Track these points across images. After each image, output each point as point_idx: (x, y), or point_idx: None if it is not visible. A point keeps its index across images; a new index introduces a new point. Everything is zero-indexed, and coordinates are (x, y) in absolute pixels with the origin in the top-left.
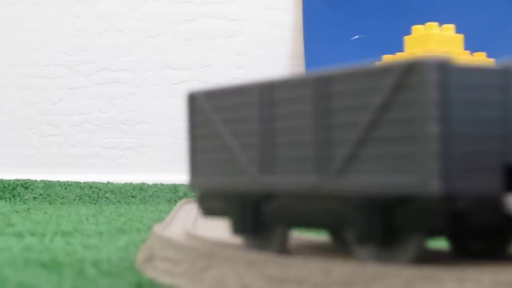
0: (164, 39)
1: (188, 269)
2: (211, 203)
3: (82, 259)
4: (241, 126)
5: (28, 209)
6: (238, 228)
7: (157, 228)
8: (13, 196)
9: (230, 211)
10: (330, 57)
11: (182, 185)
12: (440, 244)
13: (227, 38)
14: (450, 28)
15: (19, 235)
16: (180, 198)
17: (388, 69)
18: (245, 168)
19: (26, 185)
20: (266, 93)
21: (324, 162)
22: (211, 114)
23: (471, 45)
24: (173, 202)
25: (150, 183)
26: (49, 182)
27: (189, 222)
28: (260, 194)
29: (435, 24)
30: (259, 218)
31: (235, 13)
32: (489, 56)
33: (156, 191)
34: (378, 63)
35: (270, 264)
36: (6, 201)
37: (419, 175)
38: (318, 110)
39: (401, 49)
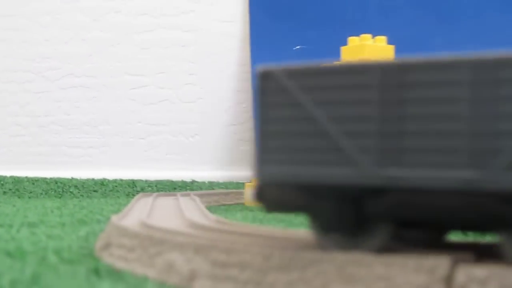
0: (124, 48)
1: (141, 255)
2: (282, 197)
3: (45, 248)
4: (349, 110)
5: None
6: (330, 226)
7: (114, 218)
8: None
9: (317, 207)
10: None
11: (139, 180)
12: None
13: (181, 48)
14: (382, 39)
15: None
16: (138, 192)
17: None
18: (353, 158)
19: None
20: (392, 75)
21: (486, 155)
22: (298, 94)
23: (401, 55)
24: (131, 196)
25: (110, 178)
26: (18, 177)
27: (144, 213)
28: (368, 188)
29: (368, 35)
30: (360, 215)
31: (189, 24)
32: None
33: (116, 186)
34: None
35: (215, 250)
36: None
37: None
38: (478, 97)
39: (338, 58)
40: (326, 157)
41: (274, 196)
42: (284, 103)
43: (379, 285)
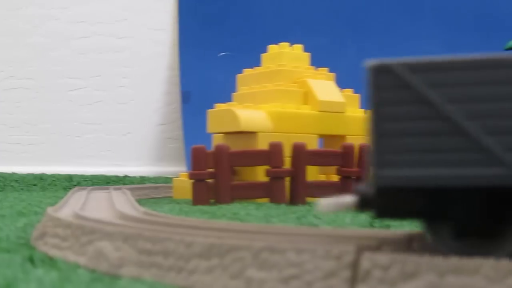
0: (62, 53)
1: (73, 244)
2: (400, 201)
3: None
4: (493, 107)
5: None
6: (463, 232)
7: (50, 210)
8: None
9: (449, 211)
10: (200, 70)
11: (75, 175)
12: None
13: (115, 53)
14: (299, 47)
15: None
16: (74, 186)
17: None
18: (500, 157)
19: None
20: None
21: None
22: (425, 90)
23: (316, 62)
24: (68, 189)
25: (49, 173)
26: None
27: (78, 205)
28: None
29: (286, 44)
30: (499, 218)
31: (123, 32)
32: (331, 70)
33: (54, 180)
34: None
35: (142, 239)
36: None
37: None
38: None
39: (258, 64)
40: (464, 158)
41: (390, 201)
42: (405, 99)
43: (291, 270)
